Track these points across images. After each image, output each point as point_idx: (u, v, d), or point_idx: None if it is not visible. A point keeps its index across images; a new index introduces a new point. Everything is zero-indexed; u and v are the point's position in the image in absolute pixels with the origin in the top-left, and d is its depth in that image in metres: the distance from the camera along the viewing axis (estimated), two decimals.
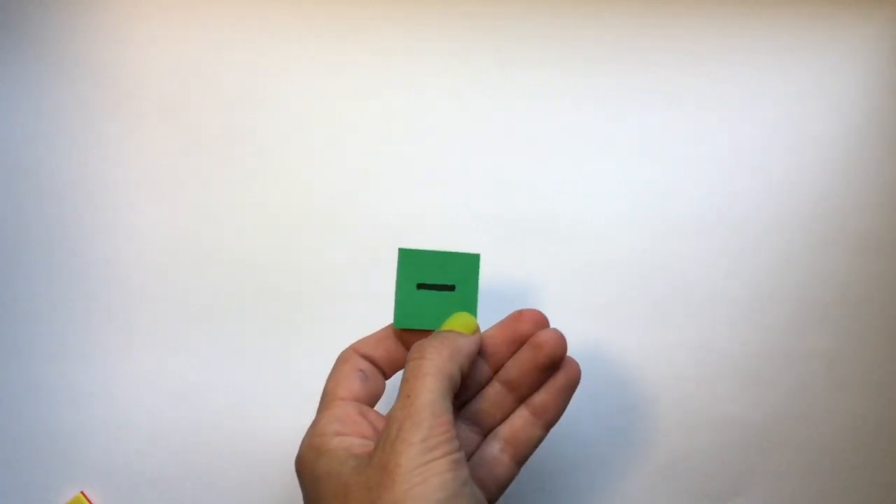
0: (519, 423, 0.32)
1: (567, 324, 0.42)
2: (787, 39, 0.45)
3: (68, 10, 0.43)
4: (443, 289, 0.32)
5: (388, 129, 0.44)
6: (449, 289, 0.32)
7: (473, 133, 0.44)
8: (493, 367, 0.33)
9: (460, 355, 0.30)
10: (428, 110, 0.44)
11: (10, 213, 0.42)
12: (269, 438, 0.41)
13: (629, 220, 0.43)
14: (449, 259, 0.32)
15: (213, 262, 0.42)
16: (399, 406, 0.27)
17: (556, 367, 0.32)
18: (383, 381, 0.33)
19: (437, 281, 0.32)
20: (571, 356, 0.33)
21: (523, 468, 0.33)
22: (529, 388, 0.33)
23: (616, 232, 0.43)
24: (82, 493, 0.40)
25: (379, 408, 0.33)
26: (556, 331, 0.32)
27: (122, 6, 0.44)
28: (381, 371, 0.33)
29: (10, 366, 0.41)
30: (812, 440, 0.43)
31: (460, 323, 0.32)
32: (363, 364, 0.32)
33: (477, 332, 0.32)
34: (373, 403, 0.32)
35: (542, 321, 0.33)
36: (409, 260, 0.32)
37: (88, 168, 0.43)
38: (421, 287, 0.32)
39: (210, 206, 0.43)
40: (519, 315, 0.33)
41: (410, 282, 0.32)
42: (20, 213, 0.42)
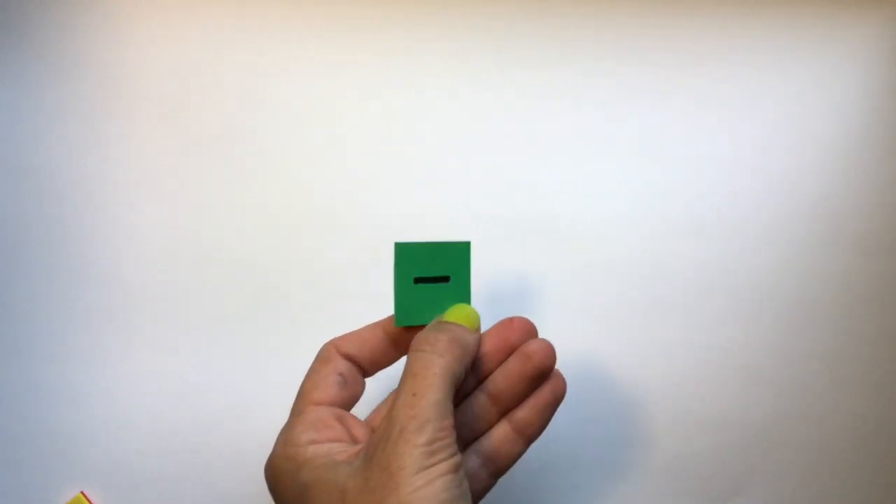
0: (500, 437, 0.31)
1: (567, 324, 0.42)
2: (787, 39, 0.45)
3: (68, 10, 0.43)
4: (438, 281, 0.31)
5: (388, 129, 0.44)
6: (444, 280, 0.31)
7: (473, 133, 0.44)
8: (480, 375, 0.32)
9: (467, 355, 0.29)
10: (428, 110, 0.44)
11: (10, 213, 0.42)
12: (269, 438, 0.41)
13: (629, 220, 0.43)
14: (442, 249, 0.31)
15: (213, 262, 0.42)
16: (403, 404, 0.26)
17: (544, 378, 0.31)
18: (363, 383, 0.32)
19: (432, 273, 0.31)
20: (559, 370, 0.32)
21: (521, 468, 0.33)
22: (515, 399, 0.31)
23: (616, 232, 0.43)
24: (82, 493, 0.40)
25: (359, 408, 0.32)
26: (546, 341, 0.31)
27: (122, 6, 0.44)
28: (362, 370, 0.32)
29: (10, 366, 0.41)
30: (812, 440, 0.43)
31: (463, 315, 0.31)
32: (343, 366, 0.31)
33: (478, 327, 0.31)
34: (349, 407, 0.31)
35: (532, 330, 0.32)
36: (405, 254, 0.30)
37: (88, 168, 0.43)
38: (418, 281, 0.31)
39: (210, 206, 0.43)
40: (509, 323, 0.32)
41: (408, 277, 0.31)
42: (20, 213, 0.42)
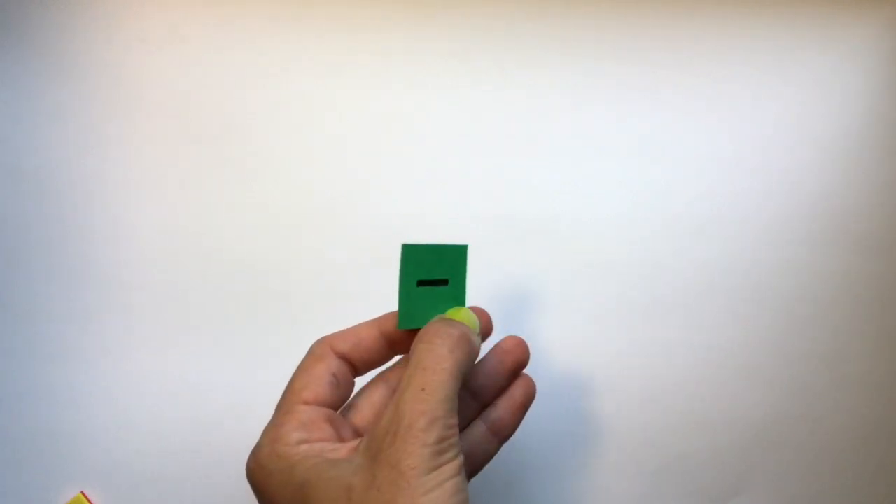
0: (476, 437, 0.32)
1: (567, 324, 0.42)
2: (787, 39, 0.45)
3: (68, 10, 0.43)
4: (438, 284, 0.31)
5: (388, 128, 0.44)
6: (443, 283, 0.31)
7: (473, 133, 0.44)
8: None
9: (475, 354, 0.29)
10: (428, 110, 0.44)
11: (10, 213, 0.42)
12: None
13: (629, 220, 0.43)
14: (443, 252, 0.31)
15: (213, 262, 0.42)
16: (411, 398, 0.25)
17: (520, 371, 0.33)
18: (353, 385, 0.31)
19: (433, 276, 0.31)
20: (527, 373, 0.33)
21: (524, 468, 0.33)
22: (494, 394, 0.32)
23: (616, 232, 0.43)
24: (82, 493, 0.40)
25: None
26: (518, 337, 0.33)
27: (123, 6, 0.44)
28: (354, 369, 0.31)
29: (10, 366, 0.41)
30: (812, 440, 0.43)
31: (466, 318, 0.30)
32: (336, 366, 0.30)
33: (479, 331, 0.31)
34: (338, 408, 0.31)
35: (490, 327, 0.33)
36: (411, 256, 0.30)
37: (88, 168, 0.42)
38: (420, 284, 0.30)
39: (210, 206, 0.43)
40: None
41: (412, 279, 0.30)
42: (20, 213, 0.42)
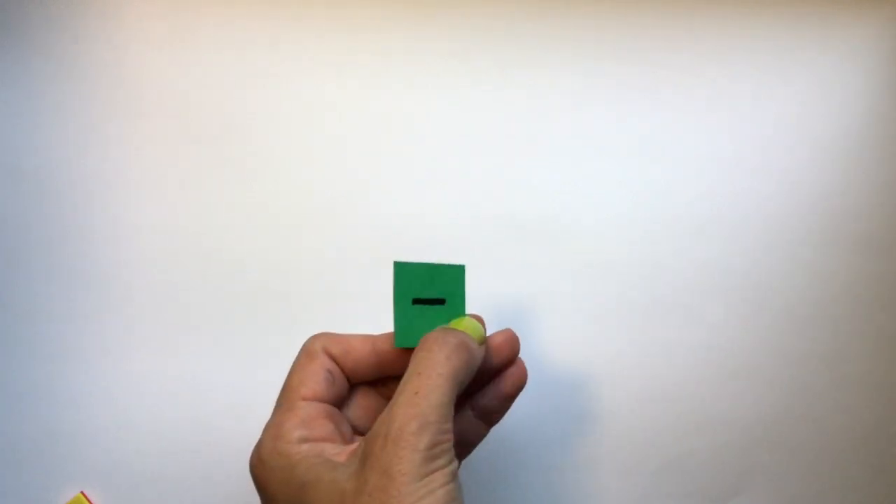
0: (465, 423, 0.32)
1: (567, 324, 0.42)
2: (787, 39, 0.45)
3: (68, 10, 0.43)
4: (434, 303, 0.31)
5: (388, 129, 0.44)
6: (440, 303, 0.31)
7: (473, 133, 0.44)
8: None
9: (474, 363, 0.29)
10: (428, 110, 0.44)
11: (10, 213, 0.42)
12: None
13: (629, 220, 0.43)
14: (438, 271, 0.31)
15: (213, 262, 0.42)
16: (404, 402, 0.26)
17: (509, 366, 0.32)
18: (347, 382, 0.31)
19: (429, 295, 0.31)
20: (522, 359, 0.33)
21: (523, 467, 0.33)
22: (480, 387, 0.32)
23: (616, 232, 0.43)
24: (82, 493, 0.40)
25: None
26: (510, 330, 0.32)
27: (123, 6, 0.44)
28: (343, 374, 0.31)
29: (10, 366, 0.41)
30: (812, 440, 0.43)
31: (470, 327, 0.30)
32: (329, 365, 0.30)
33: (483, 341, 0.31)
34: (337, 405, 0.30)
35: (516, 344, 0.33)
36: (404, 273, 0.30)
37: (88, 168, 0.42)
38: (416, 302, 0.31)
39: (210, 206, 0.43)
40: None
41: (406, 297, 0.30)
42: (20, 213, 0.42)
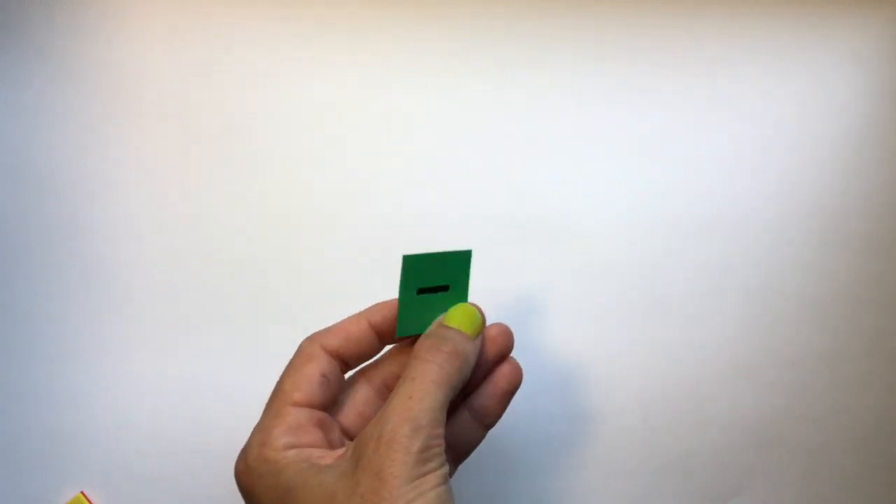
0: (461, 425, 0.32)
1: (567, 324, 0.42)
2: (787, 39, 0.45)
3: (68, 10, 0.43)
4: (439, 290, 0.31)
5: (388, 128, 0.44)
6: (444, 289, 0.31)
7: (473, 133, 0.44)
8: None
9: (467, 367, 0.29)
10: (428, 110, 0.44)
11: (10, 213, 0.42)
12: None
13: (629, 220, 0.43)
14: (445, 259, 0.31)
15: (213, 261, 0.42)
16: (398, 405, 0.26)
17: (503, 360, 0.32)
18: (343, 382, 0.31)
19: (434, 283, 0.31)
20: (514, 358, 0.32)
21: (523, 467, 0.33)
22: (477, 383, 0.32)
23: (616, 232, 0.43)
24: (82, 493, 0.40)
25: None
26: (503, 324, 0.32)
27: (122, 6, 0.44)
28: (345, 365, 0.31)
29: (10, 366, 0.41)
30: (812, 440, 0.43)
31: (466, 317, 0.30)
32: (327, 366, 0.30)
33: (481, 331, 0.31)
34: (329, 409, 0.30)
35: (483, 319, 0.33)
36: (412, 266, 0.30)
37: (88, 168, 0.42)
38: (421, 292, 0.31)
39: (210, 206, 0.43)
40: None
41: (412, 288, 0.30)
42: (20, 213, 0.42)
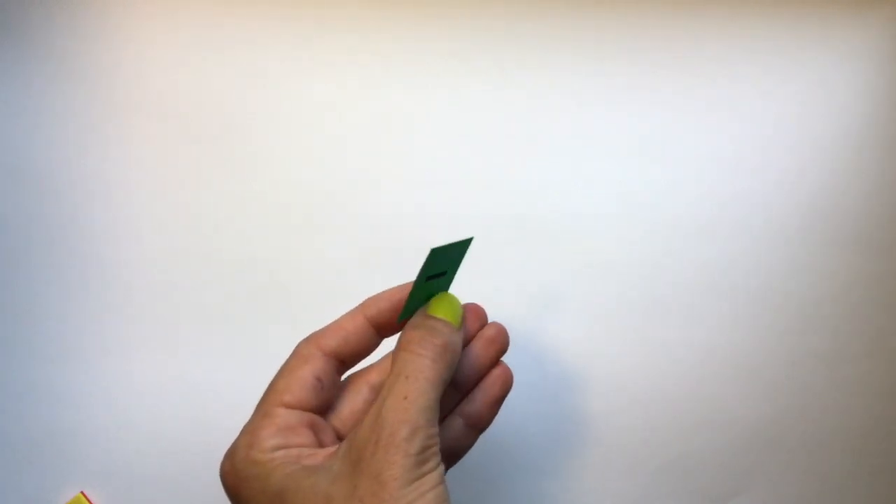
0: (454, 431, 0.32)
1: (567, 324, 0.42)
2: (787, 39, 0.45)
3: (68, 11, 0.43)
4: (439, 276, 0.31)
5: (388, 128, 0.44)
6: (441, 275, 0.31)
7: (473, 133, 0.44)
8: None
9: (457, 360, 0.29)
10: (428, 110, 0.44)
11: (10, 213, 0.42)
12: None
13: (629, 220, 0.43)
14: (454, 247, 0.31)
15: (213, 261, 0.42)
16: (393, 406, 0.26)
17: (500, 357, 0.32)
18: (338, 385, 0.31)
19: (438, 270, 0.30)
20: (504, 362, 0.33)
21: (523, 468, 0.33)
22: (474, 382, 0.32)
23: (616, 232, 0.43)
24: (82, 493, 0.40)
25: None
26: (499, 323, 0.33)
27: (122, 6, 0.44)
28: (343, 365, 0.31)
29: (10, 366, 0.41)
30: (812, 440, 0.43)
31: (448, 308, 0.30)
32: (322, 368, 0.29)
33: (461, 322, 0.30)
34: (322, 412, 0.30)
35: (484, 315, 0.33)
36: (434, 258, 0.30)
37: (88, 168, 0.43)
38: (429, 279, 0.30)
39: (210, 205, 0.43)
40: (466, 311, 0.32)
41: (424, 277, 0.30)
42: (20, 213, 0.42)
